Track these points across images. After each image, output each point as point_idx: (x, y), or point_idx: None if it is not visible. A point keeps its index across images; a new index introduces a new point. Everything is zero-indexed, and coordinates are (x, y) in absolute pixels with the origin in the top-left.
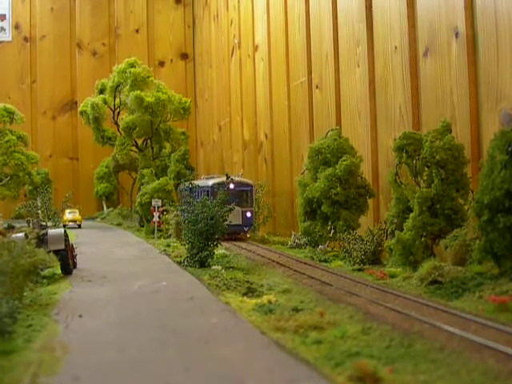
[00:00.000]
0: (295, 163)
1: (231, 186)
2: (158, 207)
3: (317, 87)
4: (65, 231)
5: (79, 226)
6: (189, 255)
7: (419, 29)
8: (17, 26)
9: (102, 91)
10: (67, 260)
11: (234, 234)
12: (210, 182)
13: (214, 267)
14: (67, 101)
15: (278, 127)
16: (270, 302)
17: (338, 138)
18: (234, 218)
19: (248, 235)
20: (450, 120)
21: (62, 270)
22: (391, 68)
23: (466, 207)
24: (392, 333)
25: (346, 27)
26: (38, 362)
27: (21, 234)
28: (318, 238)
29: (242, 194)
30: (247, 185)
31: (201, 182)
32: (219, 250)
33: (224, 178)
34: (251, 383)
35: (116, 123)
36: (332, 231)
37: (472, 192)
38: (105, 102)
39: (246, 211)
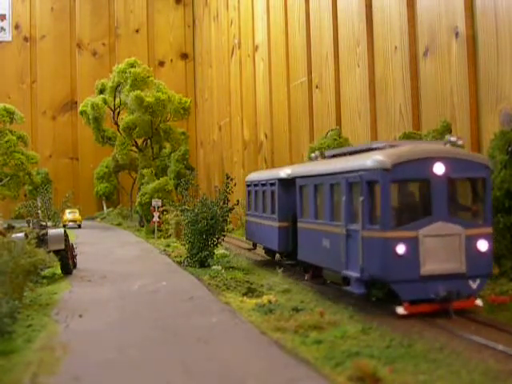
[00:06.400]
0: (295, 163)
1: (439, 169)
2: (158, 207)
3: (317, 87)
4: (65, 231)
5: (79, 226)
6: (189, 255)
7: (419, 29)
8: (17, 26)
9: (102, 91)
10: (67, 260)
11: (447, 300)
12: (353, 164)
13: (214, 267)
14: (67, 101)
15: (278, 127)
16: (270, 301)
17: (338, 138)
18: (445, 254)
19: (479, 301)
20: (450, 120)
21: (61, 269)
22: (391, 68)
23: None
24: (392, 333)
25: (346, 27)
26: (37, 362)
27: (21, 234)
28: None
29: (461, 189)
30: (476, 166)
31: (314, 167)
32: (219, 250)
33: (396, 153)
34: (251, 383)
35: (116, 123)
36: None
37: None
38: (105, 101)
39: (474, 237)
